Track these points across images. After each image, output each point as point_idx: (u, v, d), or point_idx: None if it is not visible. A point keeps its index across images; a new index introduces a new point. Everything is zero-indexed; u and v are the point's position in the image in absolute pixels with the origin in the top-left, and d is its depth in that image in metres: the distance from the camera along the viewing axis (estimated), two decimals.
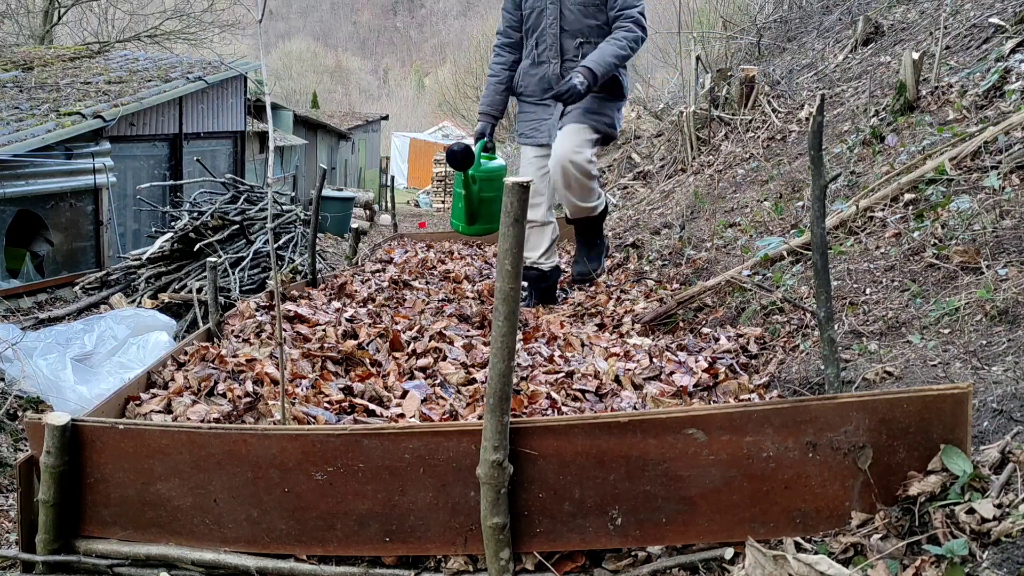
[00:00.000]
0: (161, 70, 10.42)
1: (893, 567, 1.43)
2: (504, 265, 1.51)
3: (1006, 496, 1.46)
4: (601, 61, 3.49)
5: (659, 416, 1.62)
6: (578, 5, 3.62)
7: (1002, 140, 3.22)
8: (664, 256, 4.68)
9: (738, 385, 2.53)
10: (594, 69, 3.47)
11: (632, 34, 3.55)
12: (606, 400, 2.53)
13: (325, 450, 1.66)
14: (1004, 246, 2.60)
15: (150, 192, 7.64)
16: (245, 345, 2.90)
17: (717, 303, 3.48)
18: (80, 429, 1.72)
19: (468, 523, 1.65)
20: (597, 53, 3.51)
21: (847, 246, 3.23)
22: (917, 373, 2.14)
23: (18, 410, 3.37)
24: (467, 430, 1.63)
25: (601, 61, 3.49)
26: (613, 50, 3.51)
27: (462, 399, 2.53)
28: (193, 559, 1.72)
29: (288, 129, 19.35)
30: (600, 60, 3.49)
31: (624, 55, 3.54)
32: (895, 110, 4.54)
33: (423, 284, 4.44)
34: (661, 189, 7.11)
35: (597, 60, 3.49)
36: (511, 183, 1.48)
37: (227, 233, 5.91)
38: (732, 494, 1.59)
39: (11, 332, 3.80)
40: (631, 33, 3.55)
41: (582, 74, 3.45)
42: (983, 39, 4.90)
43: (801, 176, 4.78)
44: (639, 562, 1.65)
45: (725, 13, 11.15)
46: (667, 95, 11.52)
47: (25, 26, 16.87)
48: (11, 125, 7.06)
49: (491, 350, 1.55)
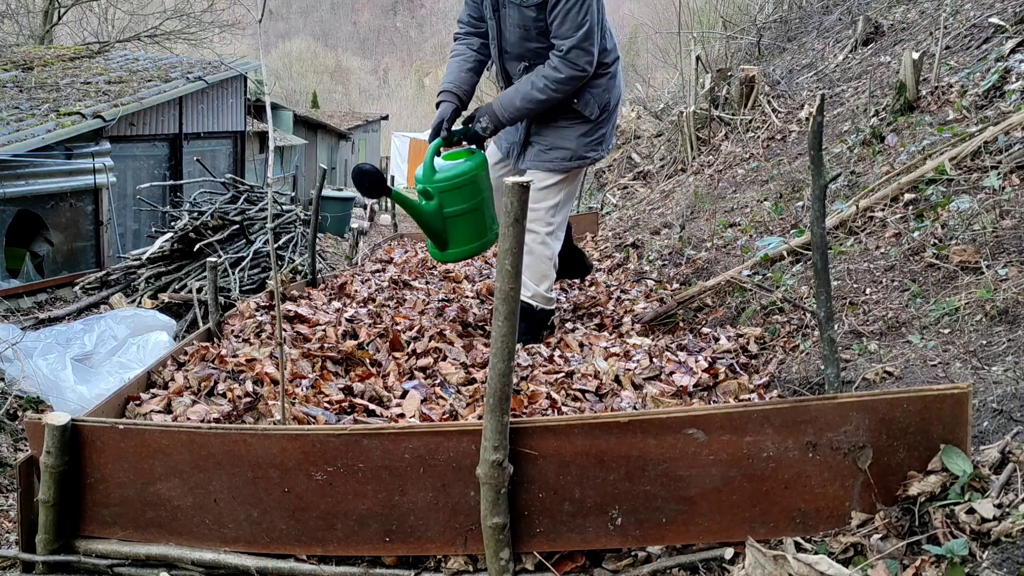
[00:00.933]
0: (161, 70, 10.42)
1: (893, 567, 1.43)
2: (504, 265, 1.51)
3: (1006, 496, 1.46)
4: (508, 106, 3.03)
5: (659, 416, 1.62)
6: (518, 27, 3.02)
7: (1002, 140, 3.22)
8: (664, 256, 4.68)
9: (738, 385, 2.53)
10: (498, 114, 3.05)
11: (555, 74, 2.93)
12: (606, 400, 2.53)
13: (325, 450, 1.66)
14: (1004, 246, 2.61)
15: (150, 192, 7.64)
16: (245, 345, 2.90)
17: (717, 303, 3.48)
18: (80, 429, 1.72)
19: (468, 523, 1.65)
20: (509, 93, 3.04)
21: (847, 246, 3.23)
22: (917, 373, 2.14)
23: (18, 410, 3.37)
24: (467, 430, 1.63)
25: (508, 106, 3.03)
26: (526, 91, 2.98)
27: (462, 399, 2.53)
28: (193, 559, 1.72)
29: (288, 129, 19.36)
30: (507, 105, 3.03)
31: (540, 99, 2.97)
32: (895, 110, 4.54)
33: (423, 284, 4.44)
34: (661, 189, 7.11)
35: (503, 104, 3.04)
36: (511, 183, 1.48)
37: (227, 233, 5.91)
38: (732, 494, 1.59)
39: (11, 332, 3.81)
40: (554, 73, 2.93)
41: (487, 117, 3.06)
42: (983, 39, 4.90)
43: (801, 176, 4.78)
44: (639, 562, 1.65)
45: (725, 13, 11.15)
46: (667, 95, 11.53)
47: (25, 26, 16.88)
48: (11, 125, 7.06)
49: (491, 350, 1.55)
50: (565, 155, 3.12)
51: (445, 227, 3.05)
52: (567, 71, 2.91)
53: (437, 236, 3.07)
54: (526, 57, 3.07)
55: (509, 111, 3.02)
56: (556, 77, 2.93)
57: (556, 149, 3.13)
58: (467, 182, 3.00)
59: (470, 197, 3.04)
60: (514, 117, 3.05)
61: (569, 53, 2.89)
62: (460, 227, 3.06)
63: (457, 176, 2.99)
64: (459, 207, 3.02)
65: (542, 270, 3.18)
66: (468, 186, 3.01)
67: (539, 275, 3.19)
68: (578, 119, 3.11)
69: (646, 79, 13.31)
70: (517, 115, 3.04)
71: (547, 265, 3.20)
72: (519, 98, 3.00)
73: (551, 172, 3.14)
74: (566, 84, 2.95)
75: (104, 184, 7.84)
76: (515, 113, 3.03)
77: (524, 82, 3.01)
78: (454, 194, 3.00)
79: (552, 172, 3.14)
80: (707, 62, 8.46)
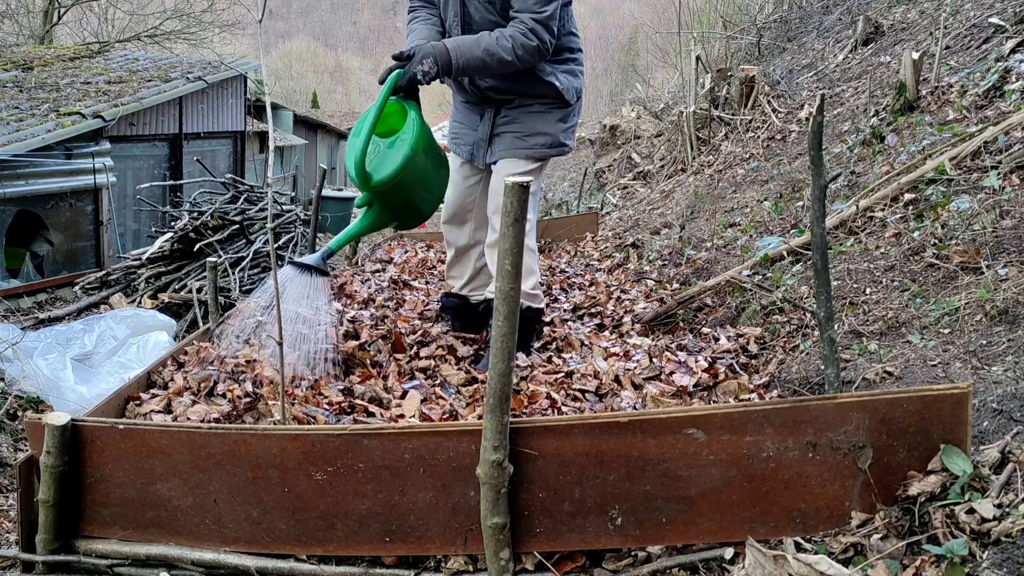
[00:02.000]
0: (161, 70, 10.43)
1: (893, 567, 1.43)
2: (504, 265, 1.51)
3: (1006, 496, 1.46)
4: (466, 52, 2.66)
5: (659, 416, 1.61)
6: (482, 1, 2.81)
7: (1002, 140, 3.22)
8: (664, 256, 4.68)
9: (738, 385, 2.53)
10: (452, 57, 2.64)
11: (527, 41, 2.69)
12: (606, 400, 2.53)
13: (325, 450, 1.66)
14: (1004, 246, 2.61)
15: (150, 192, 7.64)
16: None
17: (717, 303, 3.48)
18: (80, 429, 1.72)
19: (468, 523, 1.65)
20: (468, 40, 2.70)
21: (847, 246, 3.23)
22: (917, 373, 2.14)
23: (18, 410, 3.37)
24: (467, 430, 1.63)
25: (466, 52, 2.66)
26: (490, 44, 2.67)
27: (462, 399, 2.53)
28: (193, 559, 1.72)
29: (288, 129, 19.36)
30: (464, 51, 2.66)
31: (504, 59, 2.68)
32: (895, 110, 4.54)
33: (423, 284, 4.44)
34: (661, 189, 7.11)
35: (460, 48, 2.66)
36: (511, 183, 1.48)
37: (227, 233, 5.91)
38: (732, 494, 1.59)
39: (11, 332, 3.80)
40: (525, 40, 2.68)
41: (436, 57, 2.63)
42: (983, 39, 4.91)
43: (801, 176, 4.78)
44: (639, 562, 1.65)
45: (725, 13, 11.15)
46: (667, 95, 11.54)
47: (25, 26, 16.88)
48: (11, 125, 7.06)
49: (491, 350, 1.55)
50: (545, 141, 2.94)
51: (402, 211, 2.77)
52: (534, 42, 2.69)
53: (395, 218, 2.80)
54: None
55: (465, 58, 2.65)
56: (527, 44, 2.69)
57: (536, 135, 2.93)
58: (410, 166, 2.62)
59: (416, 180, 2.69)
60: (468, 66, 2.68)
61: (536, 27, 2.69)
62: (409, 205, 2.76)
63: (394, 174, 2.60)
64: (402, 196, 2.70)
65: (528, 265, 2.93)
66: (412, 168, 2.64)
67: (526, 271, 2.87)
68: (556, 104, 2.93)
69: (646, 79, 13.30)
70: (472, 65, 2.69)
71: (531, 259, 3.03)
72: (481, 48, 2.66)
73: (529, 159, 2.95)
74: (531, 56, 2.72)
75: (104, 184, 7.85)
76: (471, 62, 2.67)
77: (488, 35, 2.69)
78: (394, 191, 2.66)
79: (530, 159, 2.95)
80: (707, 62, 8.46)
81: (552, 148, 2.97)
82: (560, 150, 3.00)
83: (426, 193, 2.80)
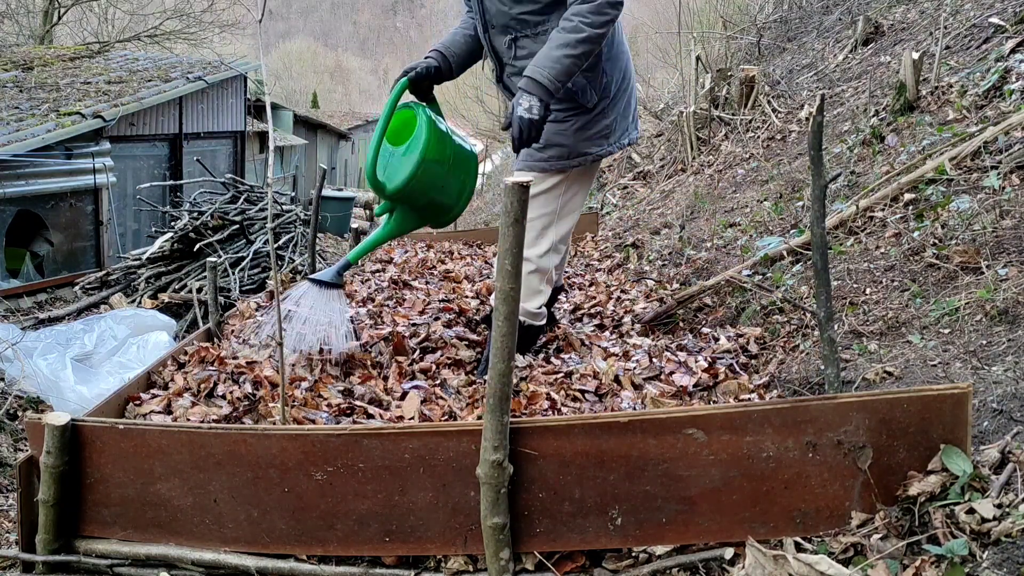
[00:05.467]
0: (161, 70, 10.43)
1: (893, 567, 1.43)
2: (504, 265, 1.51)
3: (1006, 496, 1.46)
4: (546, 65, 2.44)
5: (659, 416, 1.62)
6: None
7: (1002, 140, 3.22)
8: (664, 256, 4.68)
9: (738, 385, 2.53)
10: (537, 78, 2.44)
11: (583, 7, 2.44)
12: (606, 400, 2.53)
13: (325, 450, 1.66)
14: (1004, 246, 2.61)
15: (150, 192, 7.65)
16: (245, 346, 2.90)
17: (717, 303, 3.48)
18: (80, 429, 1.72)
19: (468, 523, 1.65)
20: (540, 53, 2.49)
21: (847, 246, 3.23)
22: (917, 373, 2.14)
23: (18, 410, 3.37)
24: (467, 430, 1.63)
25: (546, 65, 2.44)
26: (560, 40, 2.45)
27: (462, 400, 2.53)
28: (193, 559, 1.72)
29: (288, 129, 19.36)
30: (544, 64, 2.45)
31: (582, 38, 2.44)
32: (895, 110, 4.54)
33: (423, 284, 4.44)
34: (661, 189, 7.11)
35: (539, 66, 2.45)
36: (510, 183, 1.48)
37: (227, 233, 5.92)
38: (732, 494, 1.59)
39: (11, 332, 3.81)
40: (582, 7, 2.45)
41: (527, 91, 2.45)
42: (983, 39, 4.90)
43: (801, 176, 4.78)
44: (639, 562, 1.65)
45: (725, 13, 11.14)
46: (667, 95, 11.53)
47: (25, 26, 16.89)
48: (11, 125, 7.07)
49: (491, 350, 1.55)
50: (561, 153, 2.72)
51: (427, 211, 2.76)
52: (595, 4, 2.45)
53: (435, 218, 2.81)
54: (511, 28, 2.67)
55: (551, 70, 2.44)
56: (585, 11, 2.45)
57: (551, 147, 2.71)
58: (421, 173, 2.60)
59: (431, 184, 2.67)
60: (559, 73, 2.45)
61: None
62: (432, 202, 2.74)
63: (407, 182, 2.59)
64: (423, 199, 2.68)
65: (533, 286, 2.86)
66: (424, 175, 2.61)
67: (530, 291, 2.85)
68: (574, 110, 2.71)
69: (646, 79, 13.30)
70: (562, 69, 2.46)
71: (539, 281, 2.88)
72: (555, 48, 2.45)
73: (545, 173, 2.74)
74: (600, 17, 2.45)
75: (104, 184, 7.85)
76: (558, 67, 2.45)
77: (552, 37, 2.50)
78: (413, 196, 2.66)
79: (546, 173, 2.74)
80: (707, 62, 8.45)
81: (571, 160, 2.75)
82: (582, 160, 2.77)
83: (449, 191, 2.77)
